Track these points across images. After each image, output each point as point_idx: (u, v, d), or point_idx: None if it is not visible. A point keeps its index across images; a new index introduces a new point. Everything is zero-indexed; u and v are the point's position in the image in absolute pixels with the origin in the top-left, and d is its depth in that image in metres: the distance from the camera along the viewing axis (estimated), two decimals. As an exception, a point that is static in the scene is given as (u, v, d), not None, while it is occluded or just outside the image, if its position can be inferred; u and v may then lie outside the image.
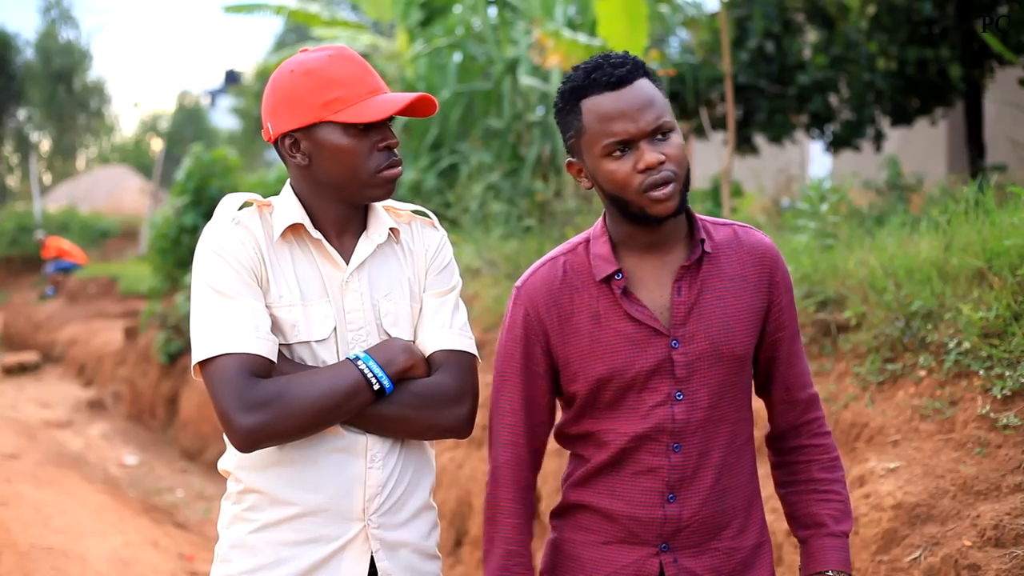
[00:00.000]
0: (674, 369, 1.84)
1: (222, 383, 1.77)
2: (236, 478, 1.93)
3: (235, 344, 1.78)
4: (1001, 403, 2.91)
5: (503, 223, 7.91)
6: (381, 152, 1.88)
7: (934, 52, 8.47)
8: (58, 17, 36.98)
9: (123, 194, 28.03)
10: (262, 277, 1.87)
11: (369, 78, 1.88)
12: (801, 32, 9.67)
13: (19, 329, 16.42)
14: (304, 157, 1.88)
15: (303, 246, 1.92)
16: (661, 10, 10.84)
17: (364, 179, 1.87)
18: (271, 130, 1.90)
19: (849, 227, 4.62)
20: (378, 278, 1.95)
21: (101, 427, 10.23)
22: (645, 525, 1.87)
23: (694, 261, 1.86)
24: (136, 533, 6.04)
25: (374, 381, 1.83)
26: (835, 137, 9.55)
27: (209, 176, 10.87)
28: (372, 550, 1.89)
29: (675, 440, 1.85)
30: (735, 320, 1.87)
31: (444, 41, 11.56)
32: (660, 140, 1.80)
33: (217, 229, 1.88)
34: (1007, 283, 3.15)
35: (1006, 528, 2.53)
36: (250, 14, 11.81)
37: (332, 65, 1.86)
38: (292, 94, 1.86)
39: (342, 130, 1.85)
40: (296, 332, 1.87)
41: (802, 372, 1.98)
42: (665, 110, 1.80)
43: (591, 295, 1.88)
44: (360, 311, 1.91)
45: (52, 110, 36.29)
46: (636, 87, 1.80)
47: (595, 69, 1.81)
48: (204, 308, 1.83)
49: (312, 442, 1.86)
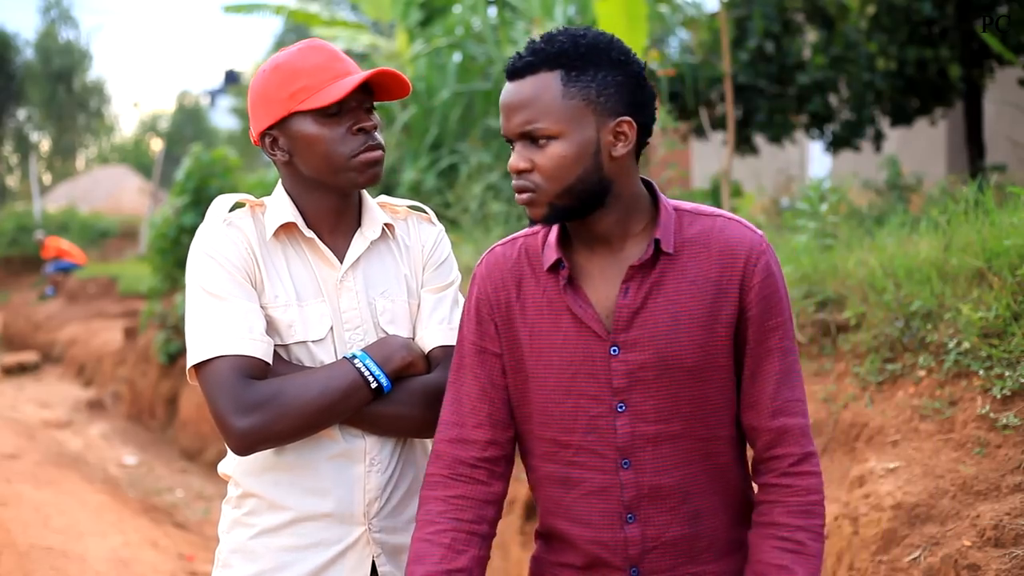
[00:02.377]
0: (612, 378, 1.69)
1: (216, 386, 1.75)
2: (236, 482, 1.91)
3: (229, 346, 1.76)
4: (1001, 403, 2.91)
5: (503, 223, 7.90)
6: (356, 136, 1.84)
7: (934, 52, 8.47)
8: (58, 17, 36.99)
9: (123, 194, 28.02)
10: (256, 278, 1.85)
11: (336, 64, 1.85)
12: (801, 32, 9.67)
13: (19, 329, 16.41)
14: (284, 153, 1.87)
15: (296, 246, 1.90)
16: (661, 10, 10.84)
17: (341, 164, 1.84)
18: (253, 131, 1.90)
19: (849, 227, 4.62)
20: (374, 276, 1.93)
21: (101, 427, 10.22)
22: (610, 549, 1.73)
23: (646, 260, 1.68)
24: (136, 533, 6.04)
25: (371, 379, 1.81)
26: (835, 137, 9.55)
27: (209, 176, 10.87)
28: (373, 554, 1.88)
29: (623, 456, 1.70)
30: (688, 327, 1.68)
31: (444, 41, 11.56)
32: (532, 146, 1.66)
33: (209, 231, 1.87)
34: (1007, 283, 3.15)
35: (1006, 528, 2.53)
36: (250, 14, 11.82)
37: (298, 57, 1.85)
38: (264, 92, 1.85)
39: (312, 119, 1.82)
40: (293, 332, 1.86)
41: (774, 397, 1.71)
42: (545, 114, 1.62)
43: (542, 282, 1.75)
44: (356, 309, 1.90)
45: (52, 110, 36.29)
46: (524, 83, 1.64)
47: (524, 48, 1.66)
48: (197, 311, 1.82)
49: (309, 447, 1.84)
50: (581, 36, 1.65)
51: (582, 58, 1.63)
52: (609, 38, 1.67)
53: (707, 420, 1.72)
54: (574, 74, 1.63)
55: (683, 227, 1.73)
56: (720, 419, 1.74)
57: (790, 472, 1.71)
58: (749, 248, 1.70)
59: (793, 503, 1.70)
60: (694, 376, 1.69)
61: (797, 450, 1.72)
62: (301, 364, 1.86)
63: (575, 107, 1.63)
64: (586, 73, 1.63)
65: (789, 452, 1.72)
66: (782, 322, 1.72)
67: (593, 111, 1.64)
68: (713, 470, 1.74)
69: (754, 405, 1.73)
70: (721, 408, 1.73)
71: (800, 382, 1.75)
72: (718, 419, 1.73)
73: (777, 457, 1.72)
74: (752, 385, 1.73)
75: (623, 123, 1.66)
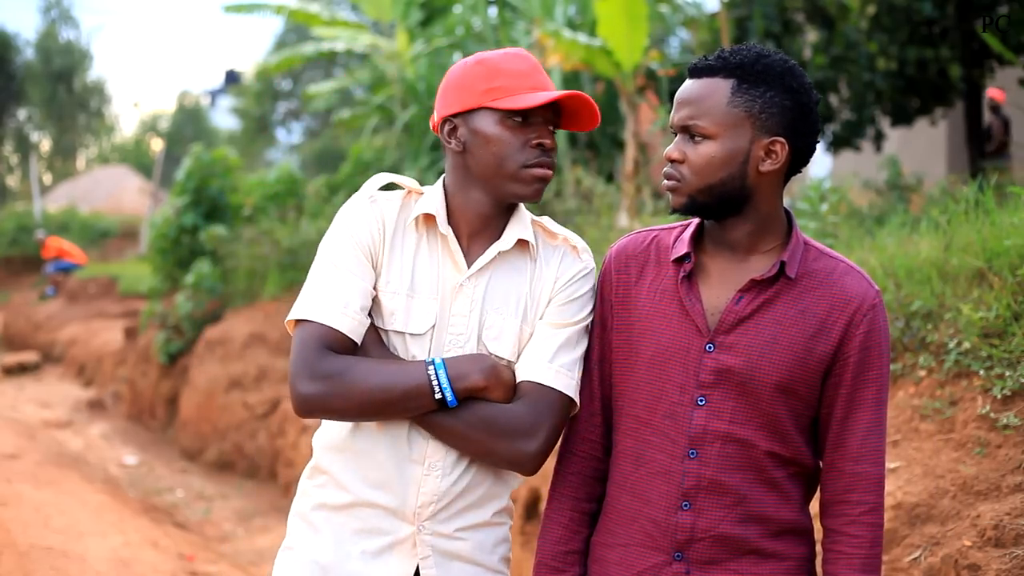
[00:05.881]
0: (699, 372, 1.80)
1: (298, 347, 1.83)
2: (316, 454, 1.96)
3: (320, 314, 1.83)
4: (1001, 403, 2.91)
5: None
6: (533, 148, 1.86)
7: (934, 52, 8.48)
8: (58, 17, 36.97)
9: (123, 194, 28.03)
10: (377, 259, 1.89)
11: (537, 75, 1.88)
12: (801, 32, 9.68)
13: (19, 329, 16.41)
14: (459, 143, 1.89)
15: (433, 239, 1.92)
16: (661, 10, 10.84)
17: (511, 171, 1.86)
18: (436, 116, 1.93)
19: (849, 227, 4.63)
20: (495, 289, 1.91)
21: (101, 427, 10.23)
22: (661, 529, 1.83)
23: (767, 278, 1.79)
24: (136, 533, 6.04)
25: (437, 390, 1.81)
26: (835, 137, 9.55)
27: (209, 176, 10.88)
28: (421, 555, 1.88)
29: (692, 446, 1.81)
30: (782, 349, 1.78)
31: (444, 41, 11.55)
32: (688, 140, 1.79)
33: (352, 203, 1.93)
34: (1007, 283, 3.15)
35: (1006, 528, 2.53)
36: (250, 14, 11.83)
37: (504, 59, 1.89)
38: (461, 80, 1.89)
39: (498, 119, 1.85)
40: (393, 320, 1.88)
41: (861, 444, 1.80)
42: (706, 114, 1.76)
43: (663, 271, 1.87)
44: (465, 317, 1.89)
45: (52, 110, 36.27)
46: (699, 82, 1.79)
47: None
48: (313, 272, 1.89)
49: (378, 437, 1.88)
50: (765, 56, 1.77)
51: (758, 74, 1.75)
52: (791, 66, 1.78)
53: (776, 437, 1.81)
54: (745, 86, 1.75)
55: (808, 259, 1.83)
56: (788, 440, 1.82)
57: (859, 521, 1.80)
58: (862, 299, 1.80)
59: (857, 557, 1.79)
60: (774, 394, 1.79)
61: (871, 499, 1.80)
62: (395, 353, 1.89)
63: (736, 115, 1.75)
64: (756, 88, 1.75)
65: (863, 500, 1.80)
66: (880, 375, 1.82)
67: (752, 124, 1.75)
68: (774, 483, 1.82)
69: (840, 447, 1.82)
70: (791, 432, 1.82)
71: (884, 435, 1.84)
72: (786, 440, 1.82)
73: (850, 503, 1.80)
74: (842, 428, 1.81)
75: (777, 142, 1.76)
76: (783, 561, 1.83)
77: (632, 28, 8.03)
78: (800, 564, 1.85)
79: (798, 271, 1.81)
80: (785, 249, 1.81)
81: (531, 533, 4.39)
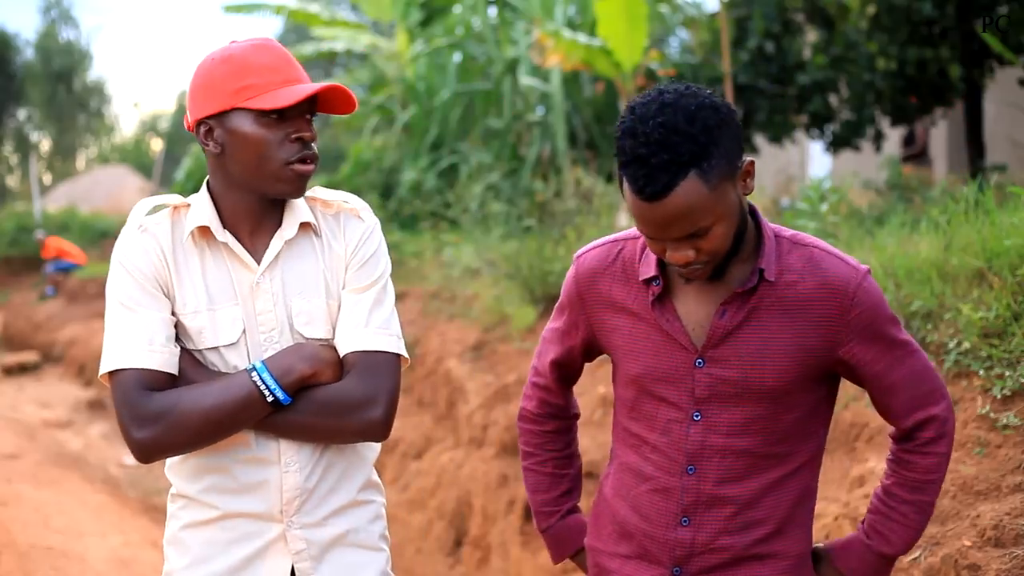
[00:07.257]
0: (694, 388, 1.79)
1: (119, 397, 1.79)
2: (172, 483, 1.95)
3: (128, 359, 1.79)
4: (1001, 403, 2.91)
5: (503, 223, 7.91)
6: (293, 143, 1.82)
7: (934, 52, 8.47)
8: (58, 17, 37.01)
9: (123, 194, 28.00)
10: (168, 285, 1.85)
11: (288, 68, 1.83)
12: (801, 32, 9.68)
13: (19, 329, 16.41)
14: (217, 145, 1.84)
15: (214, 248, 1.88)
16: (661, 10, 10.85)
17: (273, 170, 1.81)
18: (189, 117, 1.87)
19: (849, 227, 4.63)
20: (292, 276, 1.89)
21: (101, 427, 10.22)
22: (659, 545, 1.85)
23: (748, 289, 1.75)
24: (136, 533, 6.04)
25: (267, 393, 1.79)
26: (835, 137, 9.56)
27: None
28: (295, 550, 1.88)
29: (690, 461, 1.81)
30: (774, 354, 1.76)
31: (444, 41, 11.56)
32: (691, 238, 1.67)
33: (123, 238, 1.88)
34: (1007, 283, 3.15)
35: (1006, 528, 2.53)
36: (250, 14, 11.83)
37: (251, 53, 1.82)
38: (210, 80, 1.82)
39: (253, 118, 1.80)
40: (203, 338, 1.85)
41: (907, 402, 1.81)
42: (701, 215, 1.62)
43: (634, 290, 1.85)
44: (272, 312, 1.87)
45: (52, 110, 36.29)
46: (669, 201, 1.61)
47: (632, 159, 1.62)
48: (109, 320, 1.84)
49: (225, 452, 1.86)
50: (688, 123, 1.61)
51: (704, 148, 1.61)
52: (698, 104, 1.63)
53: (773, 438, 1.81)
54: (706, 165, 1.61)
55: (783, 253, 1.79)
56: (790, 443, 1.82)
57: (921, 451, 1.82)
58: (846, 283, 1.76)
59: (910, 478, 1.83)
60: (771, 399, 1.78)
61: (931, 434, 1.82)
62: (216, 368, 1.86)
63: (720, 190, 1.64)
64: (713, 156, 1.62)
65: (923, 436, 1.82)
66: (891, 333, 1.79)
67: (729, 178, 1.66)
68: (774, 486, 1.83)
69: (888, 412, 1.85)
70: (792, 434, 1.82)
71: (928, 371, 1.83)
72: (788, 443, 1.82)
73: (913, 439, 1.84)
74: (885, 397, 1.83)
75: (745, 164, 1.70)
76: (782, 561, 1.84)
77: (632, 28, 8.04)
78: (799, 562, 1.86)
79: (776, 270, 1.77)
80: (759, 253, 1.77)
81: (529, 533, 4.38)
